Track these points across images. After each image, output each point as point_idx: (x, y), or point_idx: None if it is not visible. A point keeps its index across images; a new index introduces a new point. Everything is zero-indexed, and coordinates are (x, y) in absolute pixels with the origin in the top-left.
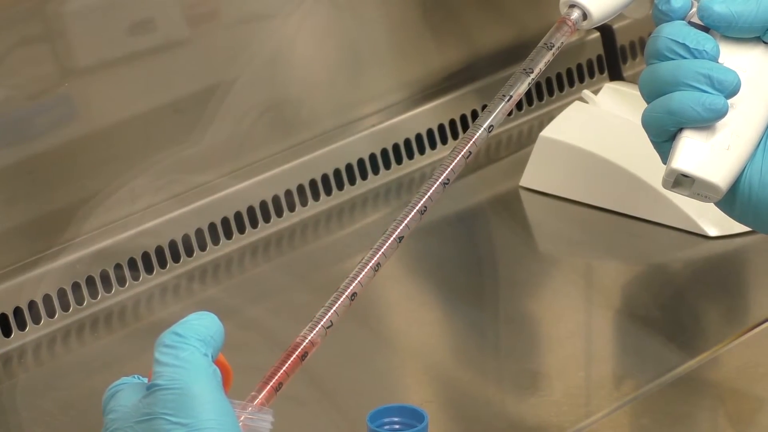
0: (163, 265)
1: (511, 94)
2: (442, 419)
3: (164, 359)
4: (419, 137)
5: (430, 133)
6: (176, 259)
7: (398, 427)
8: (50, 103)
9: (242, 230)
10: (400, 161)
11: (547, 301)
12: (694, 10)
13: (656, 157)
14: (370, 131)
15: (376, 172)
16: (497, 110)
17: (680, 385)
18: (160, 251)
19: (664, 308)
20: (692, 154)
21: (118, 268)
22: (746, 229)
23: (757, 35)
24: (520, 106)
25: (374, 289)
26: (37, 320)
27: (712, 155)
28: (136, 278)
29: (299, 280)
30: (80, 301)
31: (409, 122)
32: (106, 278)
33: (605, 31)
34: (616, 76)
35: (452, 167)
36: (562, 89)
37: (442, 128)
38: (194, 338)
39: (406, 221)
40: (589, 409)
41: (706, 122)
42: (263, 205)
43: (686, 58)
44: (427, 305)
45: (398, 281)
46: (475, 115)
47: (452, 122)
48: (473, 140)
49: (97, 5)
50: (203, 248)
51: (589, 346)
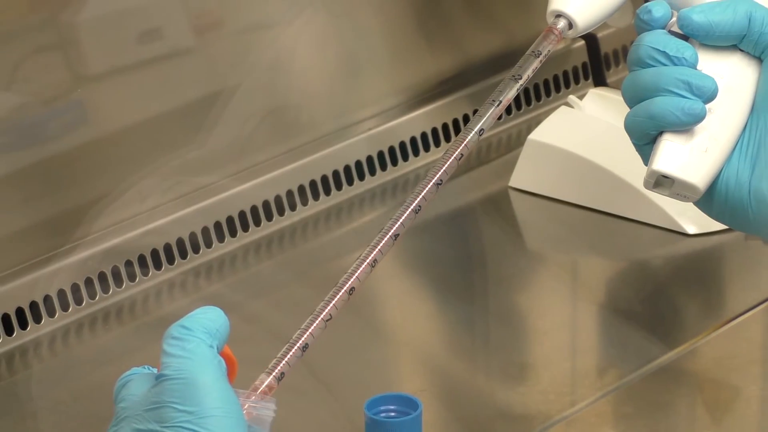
0: (170, 261)
1: (500, 99)
2: (435, 407)
3: (172, 350)
4: (414, 140)
5: (424, 136)
6: (183, 256)
7: (394, 414)
8: (63, 108)
9: (246, 229)
10: (395, 163)
11: (534, 295)
12: (674, 19)
13: (638, 159)
14: (367, 134)
15: (372, 173)
16: (487, 114)
17: (661, 375)
18: (168, 249)
19: (645, 302)
20: (672, 156)
21: (128, 264)
22: (724, 227)
23: (733, 43)
24: (509, 110)
25: (371, 284)
26: (51, 314)
27: (691, 157)
28: (145, 274)
29: (300, 276)
30: (92, 295)
31: (404, 126)
32: (116, 274)
33: (590, 39)
34: (600, 82)
35: (445, 168)
36: (549, 95)
37: (435, 132)
38: (200, 330)
39: (401, 220)
40: (574, 398)
41: (685, 126)
42: (265, 204)
43: (666, 65)
44: (421, 300)
45: (394, 277)
46: (466, 119)
47: (445, 126)
48: (465, 143)
49: (107, 15)
50: (209, 246)
51: (574, 338)
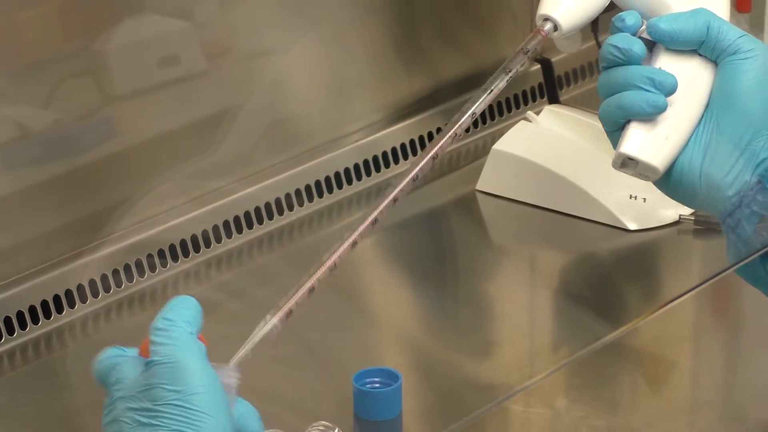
0: (186, 254)
1: (491, 87)
2: (413, 379)
3: (159, 340)
4: (394, 150)
5: (402, 147)
6: (197, 250)
7: (378, 385)
8: (94, 124)
9: (250, 226)
10: (378, 170)
11: (497, 283)
12: (644, 27)
13: (587, 166)
14: (354, 145)
15: (359, 178)
16: (480, 100)
17: (606, 351)
18: (183, 244)
19: (592, 288)
20: (637, 141)
21: (149, 257)
22: (661, 223)
23: (694, 48)
24: (476, 124)
25: (357, 273)
26: (83, 300)
27: (653, 143)
28: (164, 266)
29: (298, 266)
30: (119, 284)
31: (385, 138)
32: (139, 266)
33: (545, 63)
34: (554, 100)
35: (441, 144)
36: (510, 111)
37: (412, 143)
38: (181, 320)
39: (381, 207)
40: (532, 370)
41: (649, 116)
42: (267, 205)
43: (619, 57)
44: (400, 287)
45: (377, 267)
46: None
47: (421, 138)
48: (459, 124)
49: (132, 44)
50: (219, 241)
51: (531, 319)
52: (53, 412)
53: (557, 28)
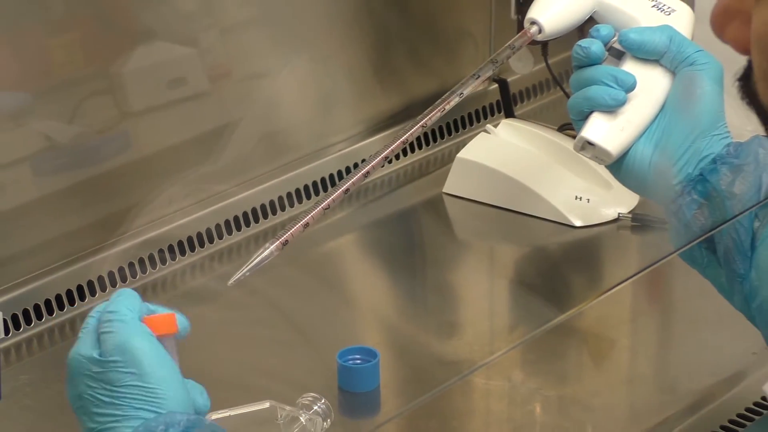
0: (192, 249)
1: (479, 74)
2: (389, 356)
3: (107, 329)
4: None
5: (384, 150)
6: (201, 245)
7: (359, 361)
8: (111, 137)
9: (247, 224)
10: None
11: (461, 273)
12: (615, 38)
13: (539, 171)
14: (337, 154)
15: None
16: (468, 83)
17: (556, 331)
18: (189, 239)
19: (544, 277)
20: (597, 128)
21: (160, 252)
22: (603, 220)
23: (657, 58)
24: (442, 134)
25: (340, 265)
26: (103, 289)
27: (610, 131)
28: (173, 258)
29: (289, 259)
30: (134, 275)
31: (364, 148)
32: (151, 259)
33: (501, 83)
34: (509, 114)
35: (431, 115)
36: (471, 124)
37: None
38: (124, 309)
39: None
40: (491, 348)
41: (610, 108)
42: (262, 206)
43: (581, 54)
44: (377, 276)
45: (357, 260)
46: (411, 144)
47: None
48: (448, 101)
49: (145, 67)
50: (220, 237)
51: (491, 304)
52: None
53: (541, 30)
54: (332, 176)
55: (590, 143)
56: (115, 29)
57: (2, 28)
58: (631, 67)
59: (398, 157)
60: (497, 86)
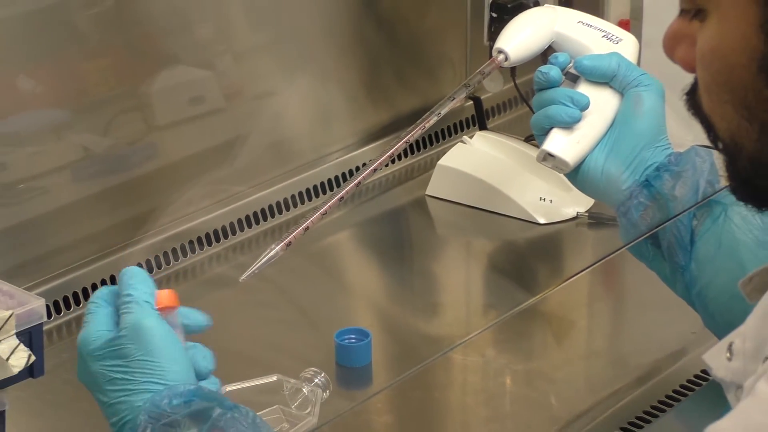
0: (210, 243)
1: (454, 96)
2: (380, 336)
3: (126, 310)
4: (365, 165)
5: (371, 163)
6: (218, 240)
7: (354, 340)
8: (140, 147)
9: (258, 222)
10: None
11: (443, 263)
12: (571, 64)
13: (509, 176)
14: (335, 161)
15: (339, 187)
16: (444, 105)
17: (523, 314)
18: (207, 235)
19: (513, 267)
20: (556, 142)
21: (182, 245)
22: (564, 218)
23: (607, 81)
24: (425, 144)
25: (338, 256)
26: None
27: (567, 144)
28: (193, 251)
29: (295, 252)
30: (159, 266)
31: (358, 156)
32: (174, 252)
33: (476, 99)
34: (483, 127)
35: (429, 114)
36: (450, 135)
37: None
38: (140, 293)
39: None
40: (469, 328)
41: (567, 124)
42: (270, 206)
43: (542, 79)
44: (370, 265)
45: (353, 252)
46: (399, 154)
47: None
48: (428, 119)
49: (169, 87)
50: (234, 233)
51: (468, 289)
52: None
53: (507, 58)
54: (330, 180)
55: (551, 155)
56: (142, 55)
57: (46, 55)
58: (585, 88)
59: (387, 164)
60: (472, 103)
